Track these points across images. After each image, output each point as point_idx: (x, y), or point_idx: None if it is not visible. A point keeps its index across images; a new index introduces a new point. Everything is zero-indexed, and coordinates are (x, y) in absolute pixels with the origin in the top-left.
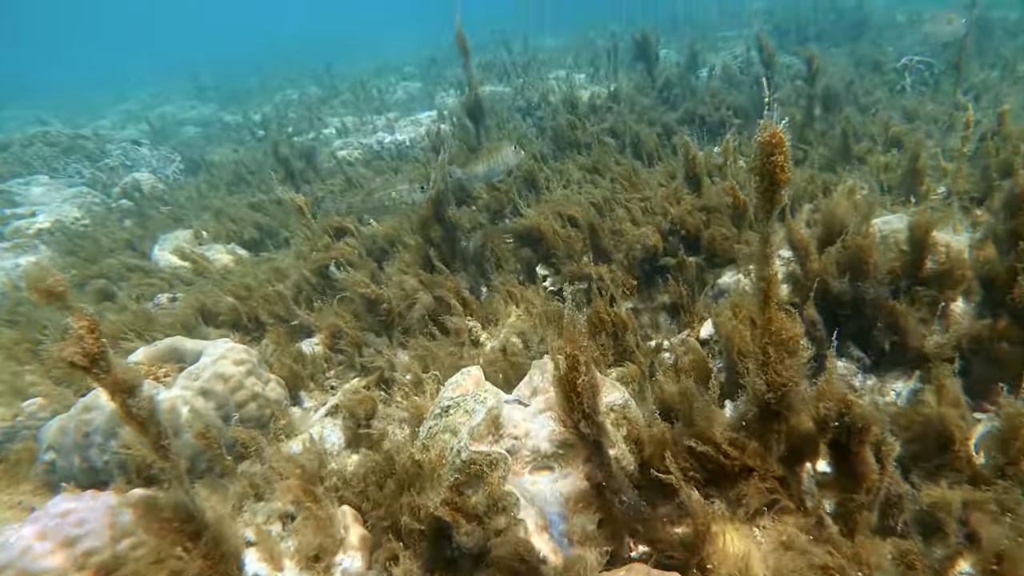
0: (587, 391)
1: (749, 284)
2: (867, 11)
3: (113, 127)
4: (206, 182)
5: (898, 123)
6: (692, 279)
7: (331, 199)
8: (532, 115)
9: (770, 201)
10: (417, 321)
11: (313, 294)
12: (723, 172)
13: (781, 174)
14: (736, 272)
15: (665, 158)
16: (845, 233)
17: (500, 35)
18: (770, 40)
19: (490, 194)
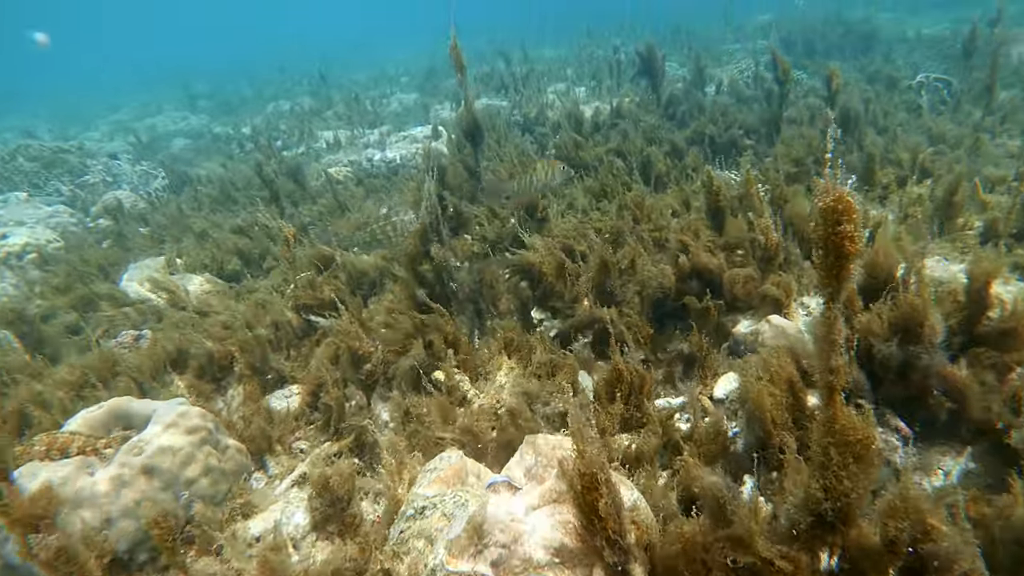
0: (611, 514)
1: (769, 333)
2: (874, 25)
3: (102, 138)
4: (190, 200)
5: (925, 148)
6: (713, 328)
7: (320, 230)
8: (531, 131)
9: (837, 279)
10: (404, 374)
11: (291, 338)
12: (744, 204)
13: (850, 246)
14: (754, 320)
15: (675, 181)
16: (892, 284)
17: (498, 45)
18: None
19: (489, 223)
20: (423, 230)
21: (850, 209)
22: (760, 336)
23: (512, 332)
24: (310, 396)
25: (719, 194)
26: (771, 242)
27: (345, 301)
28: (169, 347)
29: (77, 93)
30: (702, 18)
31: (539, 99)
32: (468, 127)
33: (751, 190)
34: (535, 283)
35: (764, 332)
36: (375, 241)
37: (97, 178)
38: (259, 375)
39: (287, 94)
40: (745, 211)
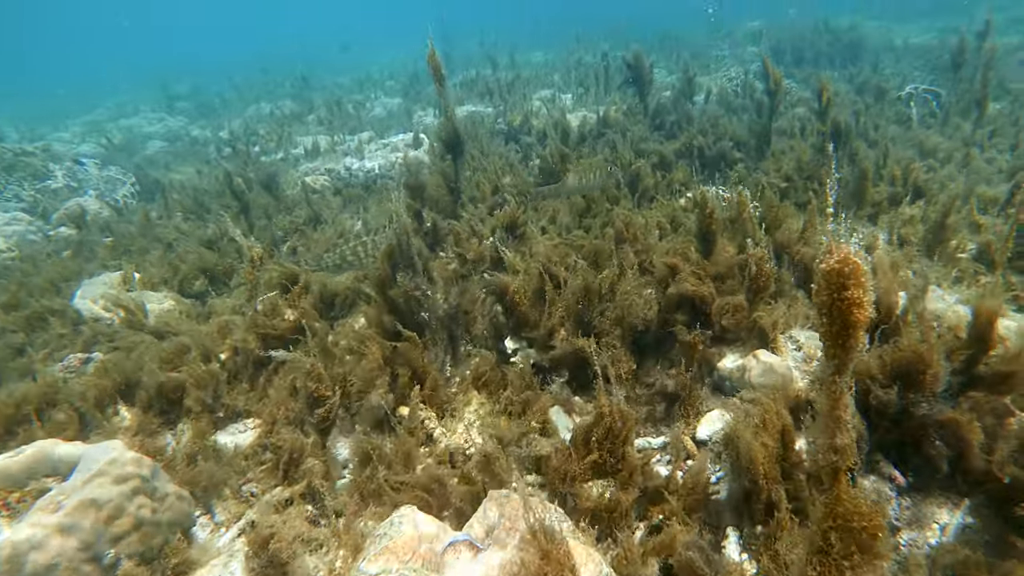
0: None
1: (756, 370)
2: (860, 33)
3: (72, 140)
4: (161, 208)
5: (918, 165)
6: (699, 361)
7: (289, 253)
8: (516, 139)
9: (844, 348)
10: (367, 412)
11: (251, 365)
12: (736, 227)
13: (858, 313)
14: (740, 353)
15: (663, 195)
16: (893, 320)
17: (488, 48)
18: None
19: (468, 239)
20: (391, 252)
21: (857, 272)
22: (747, 373)
23: (484, 365)
24: (265, 434)
25: (712, 216)
26: (764, 273)
27: (310, 328)
28: (116, 375)
29: (56, 93)
30: (691, 23)
31: (525, 106)
32: (448, 138)
33: (744, 213)
34: (508, 311)
35: (751, 368)
36: (345, 263)
37: (60, 183)
38: (210, 411)
39: (269, 96)
40: (737, 235)
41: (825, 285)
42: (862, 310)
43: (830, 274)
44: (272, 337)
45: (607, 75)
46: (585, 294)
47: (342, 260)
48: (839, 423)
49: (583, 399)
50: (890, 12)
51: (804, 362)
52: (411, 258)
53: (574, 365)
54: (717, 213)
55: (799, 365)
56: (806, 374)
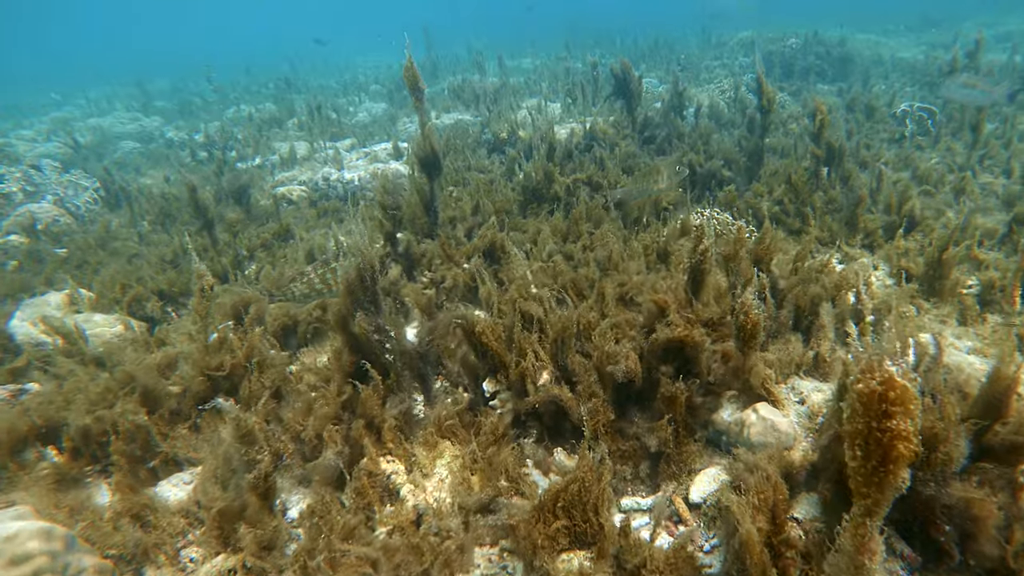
0: None
1: (756, 428)
2: (850, 47)
3: (35, 138)
4: (126, 217)
5: (913, 192)
6: (682, 416)
7: (252, 277)
8: (502, 151)
9: (879, 487)
10: (322, 469)
11: (198, 403)
12: (730, 265)
13: (902, 447)
14: (737, 406)
15: (649, 215)
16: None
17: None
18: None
19: (444, 265)
20: (351, 287)
21: (905, 398)
22: (746, 429)
23: (449, 413)
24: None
25: (704, 255)
26: (751, 321)
27: (261, 363)
28: (36, 417)
29: (27, 83)
30: (682, 30)
31: (512, 117)
32: (424, 157)
33: (739, 251)
34: (480, 352)
35: (751, 425)
36: (314, 292)
37: (14, 187)
38: (142, 462)
39: (251, 97)
40: (729, 273)
41: (861, 410)
42: (907, 444)
43: (869, 398)
44: (221, 377)
45: (596, 85)
46: (561, 337)
47: (310, 289)
48: (863, 573)
49: (564, 451)
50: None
51: (809, 418)
52: (374, 294)
53: (553, 412)
54: (711, 252)
55: (802, 421)
56: (810, 432)
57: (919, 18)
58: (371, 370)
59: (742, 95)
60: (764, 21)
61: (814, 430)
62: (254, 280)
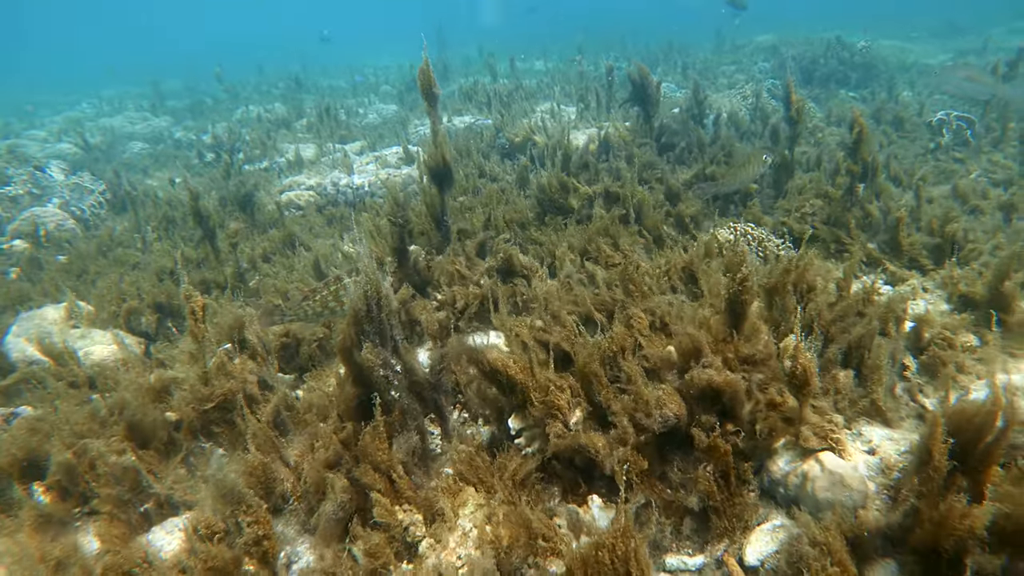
0: None
1: (822, 482)
2: (874, 53)
3: (48, 138)
4: (131, 221)
5: (957, 213)
6: (728, 468)
7: (252, 293)
8: (515, 156)
9: None
10: (325, 523)
11: (194, 436)
12: (773, 299)
13: None
14: (796, 454)
15: (670, 229)
16: (992, 448)
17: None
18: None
19: (455, 284)
20: (356, 316)
21: None
22: (809, 483)
23: (477, 459)
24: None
25: (745, 285)
26: (802, 368)
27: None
28: (15, 450)
29: (50, 81)
30: (695, 34)
31: (528, 121)
32: (436, 167)
33: (787, 281)
34: (506, 389)
35: (815, 478)
36: (327, 310)
37: (21, 189)
38: (132, 506)
39: (262, 98)
40: (773, 306)
41: None
42: None
43: None
44: (218, 408)
45: (611, 90)
46: (586, 379)
47: (323, 307)
48: None
49: (601, 498)
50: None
51: (881, 472)
52: (381, 323)
53: (582, 460)
54: (750, 281)
55: (874, 475)
56: (884, 490)
57: (944, 24)
58: (376, 407)
59: (764, 103)
60: (782, 25)
61: (890, 486)
62: (256, 293)
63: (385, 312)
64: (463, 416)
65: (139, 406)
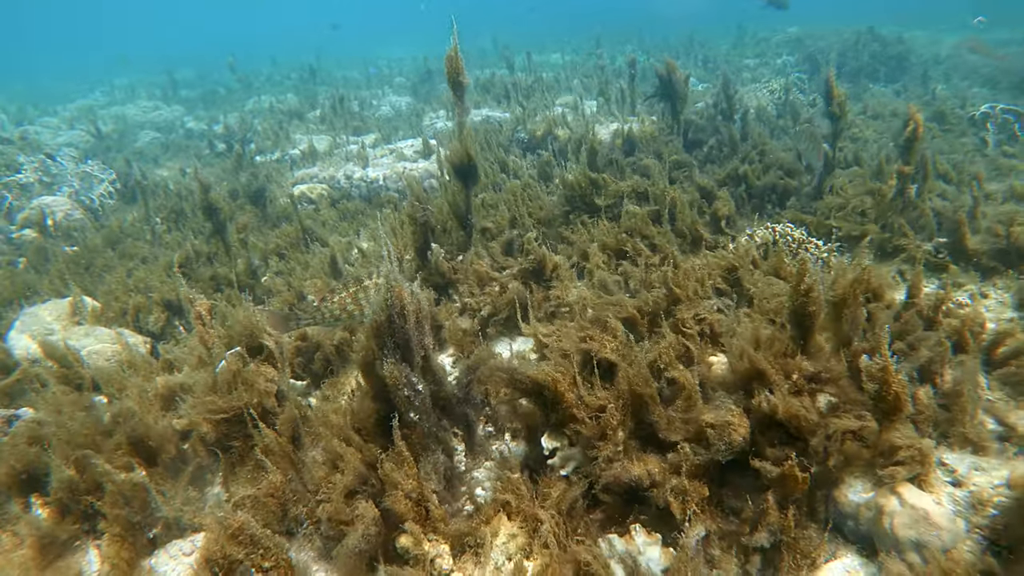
0: None
1: (902, 518)
2: (909, 45)
3: (60, 126)
4: (140, 212)
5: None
6: (798, 499)
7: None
8: (536, 150)
9: None
10: (345, 558)
11: (205, 451)
12: (840, 312)
13: None
14: (870, 483)
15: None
16: None
17: (502, 47)
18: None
19: (482, 289)
20: (378, 329)
21: None
22: (886, 519)
23: (521, 487)
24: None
25: (811, 296)
26: (894, 392)
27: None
28: (13, 461)
29: (66, 69)
30: (713, 26)
31: (548, 114)
32: (460, 163)
33: (857, 292)
34: (545, 404)
35: (893, 513)
36: (345, 314)
37: (31, 177)
38: (140, 528)
39: (275, 88)
40: (842, 319)
41: None
42: None
43: None
44: (232, 420)
45: (634, 84)
46: (638, 400)
47: (342, 311)
48: None
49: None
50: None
51: (972, 508)
52: (406, 338)
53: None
54: (817, 292)
55: (962, 511)
56: (976, 529)
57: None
58: (395, 430)
59: (793, 98)
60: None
61: (986, 526)
62: (269, 291)
63: (412, 323)
64: (487, 429)
65: (145, 416)
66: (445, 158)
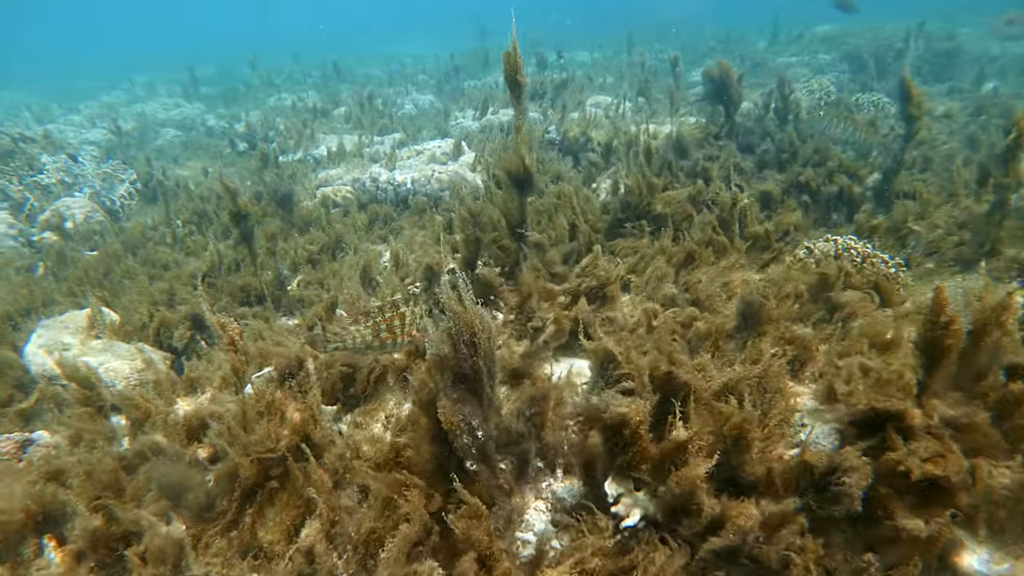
0: None
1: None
2: (958, 42)
3: (83, 123)
4: (159, 214)
5: None
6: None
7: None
8: (571, 152)
9: None
10: None
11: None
12: (984, 342)
13: None
14: (998, 547)
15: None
16: None
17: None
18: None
19: (539, 308)
20: (442, 363)
21: None
22: None
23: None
24: None
25: (951, 327)
26: None
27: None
28: (30, 502)
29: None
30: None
31: (584, 115)
32: (515, 171)
33: (1004, 320)
34: (616, 439)
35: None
36: (378, 341)
37: (53, 178)
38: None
39: (296, 86)
40: (982, 350)
41: None
42: None
43: None
44: (270, 459)
45: (677, 83)
46: (740, 445)
47: (374, 336)
48: None
49: None
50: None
51: None
52: (476, 373)
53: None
54: (959, 325)
55: None
56: None
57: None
58: (459, 487)
59: (844, 98)
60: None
61: None
62: (300, 301)
63: (482, 353)
64: (537, 464)
65: (172, 453)
66: (497, 164)
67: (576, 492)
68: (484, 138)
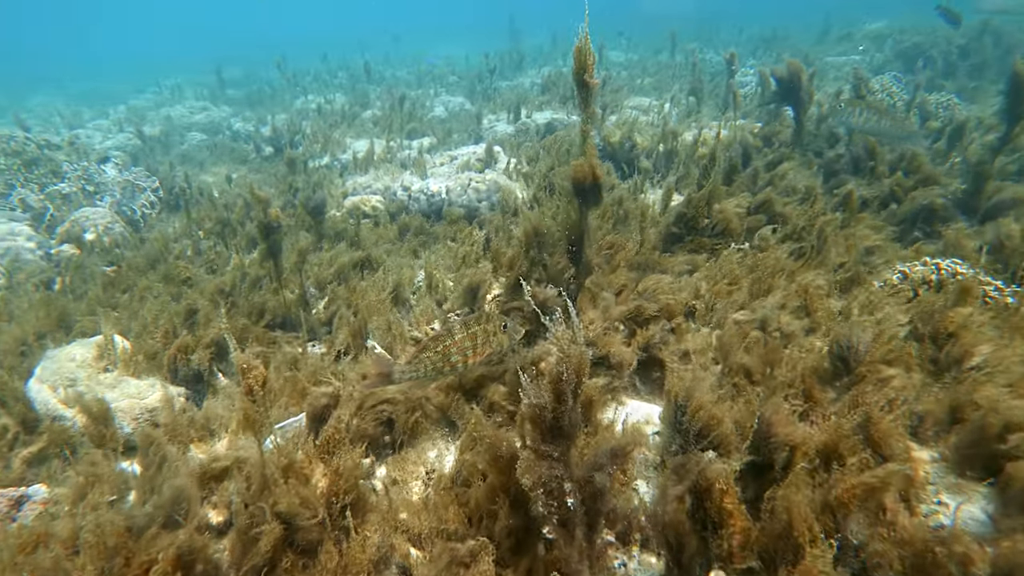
0: None
1: None
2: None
3: (110, 128)
4: (182, 224)
5: None
6: None
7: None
8: (611, 158)
9: None
10: None
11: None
12: None
13: None
14: None
15: (855, 261)
16: None
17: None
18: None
19: (599, 332)
20: (539, 414)
21: None
22: None
23: None
24: None
25: None
26: None
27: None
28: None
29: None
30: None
31: (627, 118)
32: (583, 180)
33: None
34: (703, 519)
35: None
36: (448, 366)
37: (74, 187)
38: None
39: (323, 88)
40: None
41: None
42: None
43: None
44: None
45: (731, 83)
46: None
47: (444, 361)
48: None
49: None
50: None
51: None
52: (571, 423)
53: None
54: None
55: None
56: None
57: None
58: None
59: (922, 99)
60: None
61: None
62: (326, 324)
63: (579, 404)
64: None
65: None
66: (563, 174)
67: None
68: (519, 142)
